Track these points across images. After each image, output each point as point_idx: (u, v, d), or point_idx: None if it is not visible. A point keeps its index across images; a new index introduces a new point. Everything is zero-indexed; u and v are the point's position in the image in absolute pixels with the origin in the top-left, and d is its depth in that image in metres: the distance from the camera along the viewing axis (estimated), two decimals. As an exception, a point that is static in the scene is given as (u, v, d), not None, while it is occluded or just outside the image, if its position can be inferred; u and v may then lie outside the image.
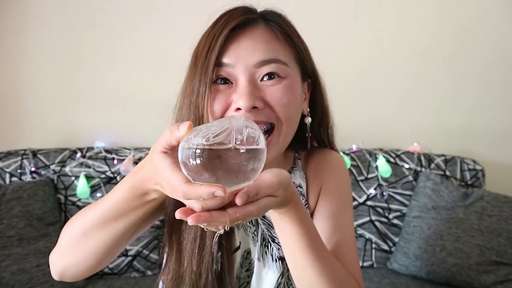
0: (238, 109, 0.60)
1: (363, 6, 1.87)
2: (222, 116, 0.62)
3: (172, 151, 0.49)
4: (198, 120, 0.62)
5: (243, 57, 0.61)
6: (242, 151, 0.44)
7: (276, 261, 0.71)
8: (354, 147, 1.79)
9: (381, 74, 1.94)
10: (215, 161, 0.43)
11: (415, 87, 1.97)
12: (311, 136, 0.74)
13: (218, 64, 0.61)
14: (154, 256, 1.59)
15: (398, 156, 1.76)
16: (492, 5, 1.91)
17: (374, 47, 1.92)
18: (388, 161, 1.73)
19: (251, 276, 0.72)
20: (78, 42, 1.79)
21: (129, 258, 1.57)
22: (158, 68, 1.79)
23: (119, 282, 1.53)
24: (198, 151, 0.43)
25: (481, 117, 2.00)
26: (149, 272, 1.60)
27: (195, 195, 0.43)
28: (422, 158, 1.76)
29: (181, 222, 0.68)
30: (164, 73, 1.60)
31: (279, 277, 0.70)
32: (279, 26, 0.65)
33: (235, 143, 0.44)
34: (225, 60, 0.61)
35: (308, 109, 0.72)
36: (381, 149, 1.80)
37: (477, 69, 1.96)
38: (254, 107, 0.60)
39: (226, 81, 0.62)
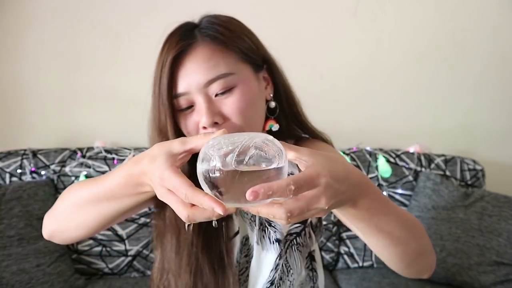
0: (204, 127, 0.64)
1: (363, 6, 1.87)
2: None
3: (184, 154, 0.52)
4: None
5: (193, 81, 0.64)
6: (243, 173, 0.43)
7: (273, 243, 0.74)
8: (354, 147, 1.80)
9: (381, 74, 1.94)
10: (218, 180, 0.44)
11: (415, 87, 1.97)
12: (284, 116, 0.76)
13: (175, 96, 0.65)
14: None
15: (398, 156, 1.76)
16: (491, 6, 1.91)
17: (374, 47, 1.92)
18: (388, 161, 1.73)
19: (250, 262, 0.75)
20: (78, 42, 1.79)
21: (129, 258, 1.57)
22: (158, 68, 1.79)
23: (119, 282, 1.53)
24: (206, 168, 0.45)
25: (481, 117, 2.00)
26: (149, 272, 1.60)
27: (197, 202, 0.45)
28: (422, 158, 1.76)
29: (164, 220, 0.72)
30: (164, 73, 1.60)
31: (276, 258, 0.74)
32: (214, 38, 0.66)
33: (235, 164, 0.43)
34: (180, 90, 0.65)
35: (271, 95, 0.74)
36: (381, 149, 1.80)
37: (476, 69, 1.96)
38: (216, 123, 0.64)
39: (189, 106, 0.66)
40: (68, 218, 0.66)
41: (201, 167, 0.46)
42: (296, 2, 1.85)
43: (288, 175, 0.45)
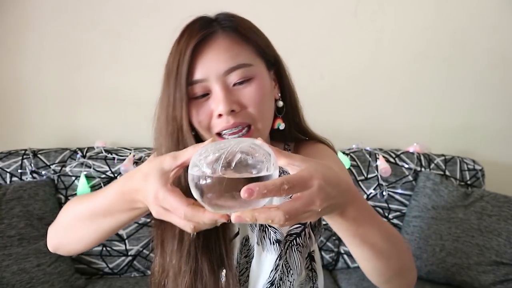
0: (220, 115, 0.65)
1: (363, 6, 1.87)
2: (209, 125, 0.67)
3: (176, 169, 0.52)
4: (177, 130, 0.67)
5: (212, 69, 0.65)
6: (231, 179, 0.43)
7: (273, 243, 0.75)
8: (354, 147, 1.80)
9: (381, 74, 1.94)
10: (208, 187, 0.44)
11: (414, 87, 1.97)
12: (287, 119, 0.76)
13: (191, 82, 0.65)
14: (154, 256, 1.59)
15: (398, 156, 1.76)
16: (491, 6, 1.91)
17: (374, 47, 1.92)
18: (388, 161, 1.73)
19: (250, 262, 0.75)
20: (78, 42, 1.79)
21: (129, 258, 1.57)
22: (158, 68, 1.78)
23: (119, 282, 1.54)
24: (196, 175, 0.45)
25: (480, 117, 2.00)
26: (149, 272, 1.60)
27: (197, 220, 0.46)
28: (422, 158, 1.77)
29: (163, 222, 0.71)
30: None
31: (277, 258, 0.74)
32: (235, 30, 0.68)
33: (222, 170, 0.43)
34: (197, 77, 0.65)
35: (279, 94, 0.75)
36: (381, 149, 1.80)
37: (476, 69, 1.97)
38: (232, 110, 0.65)
39: (204, 94, 0.67)
40: (69, 233, 0.68)
41: (190, 176, 0.46)
42: (296, 2, 1.85)
43: None
